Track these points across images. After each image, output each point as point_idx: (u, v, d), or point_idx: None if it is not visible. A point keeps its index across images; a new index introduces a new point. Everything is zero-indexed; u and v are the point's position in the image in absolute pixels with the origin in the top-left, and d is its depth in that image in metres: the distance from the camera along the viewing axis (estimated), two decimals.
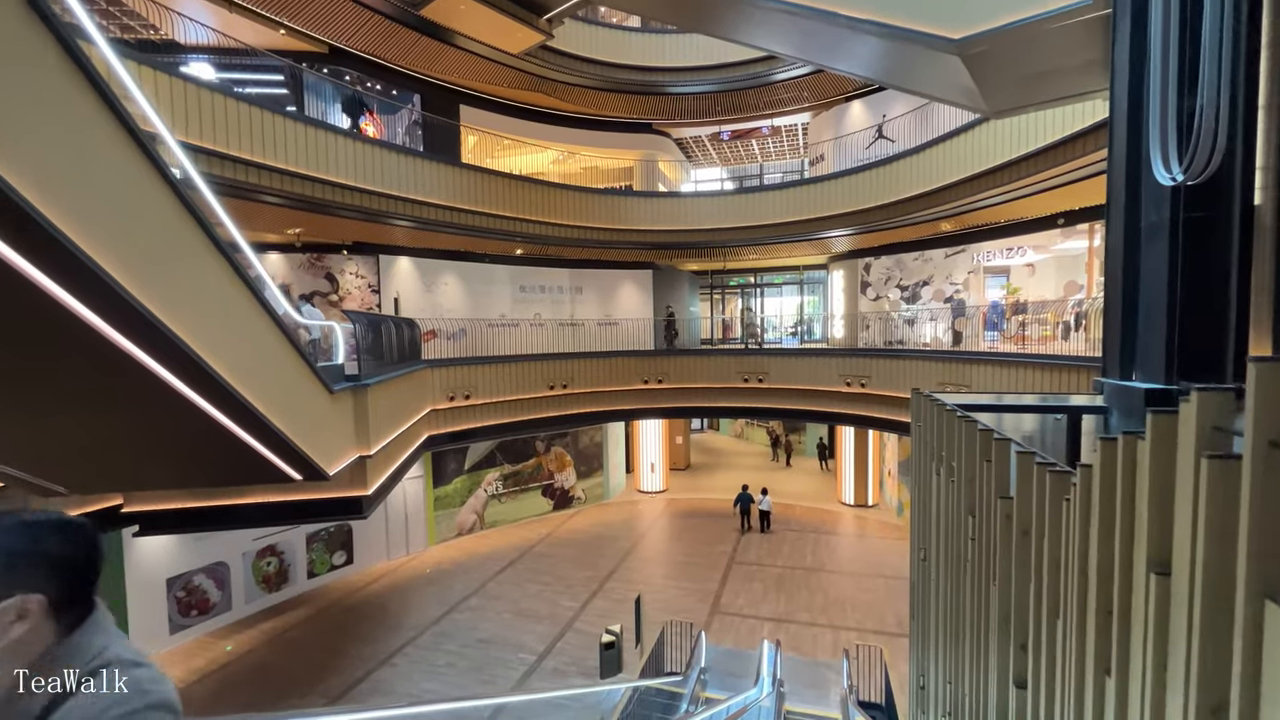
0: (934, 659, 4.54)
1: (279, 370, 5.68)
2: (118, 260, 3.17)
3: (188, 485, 7.44)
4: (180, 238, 3.99)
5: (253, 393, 4.94)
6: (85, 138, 3.01)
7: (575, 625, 11.51)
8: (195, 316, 3.96)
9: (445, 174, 13.42)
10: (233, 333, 4.74)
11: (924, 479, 5.04)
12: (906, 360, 13.60)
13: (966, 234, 15.07)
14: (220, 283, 4.57)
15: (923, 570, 5.09)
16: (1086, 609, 2.00)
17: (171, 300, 3.64)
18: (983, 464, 3.22)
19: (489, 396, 13.91)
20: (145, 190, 3.55)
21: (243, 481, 7.38)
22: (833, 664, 10.14)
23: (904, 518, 17.25)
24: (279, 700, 9.34)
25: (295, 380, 6.12)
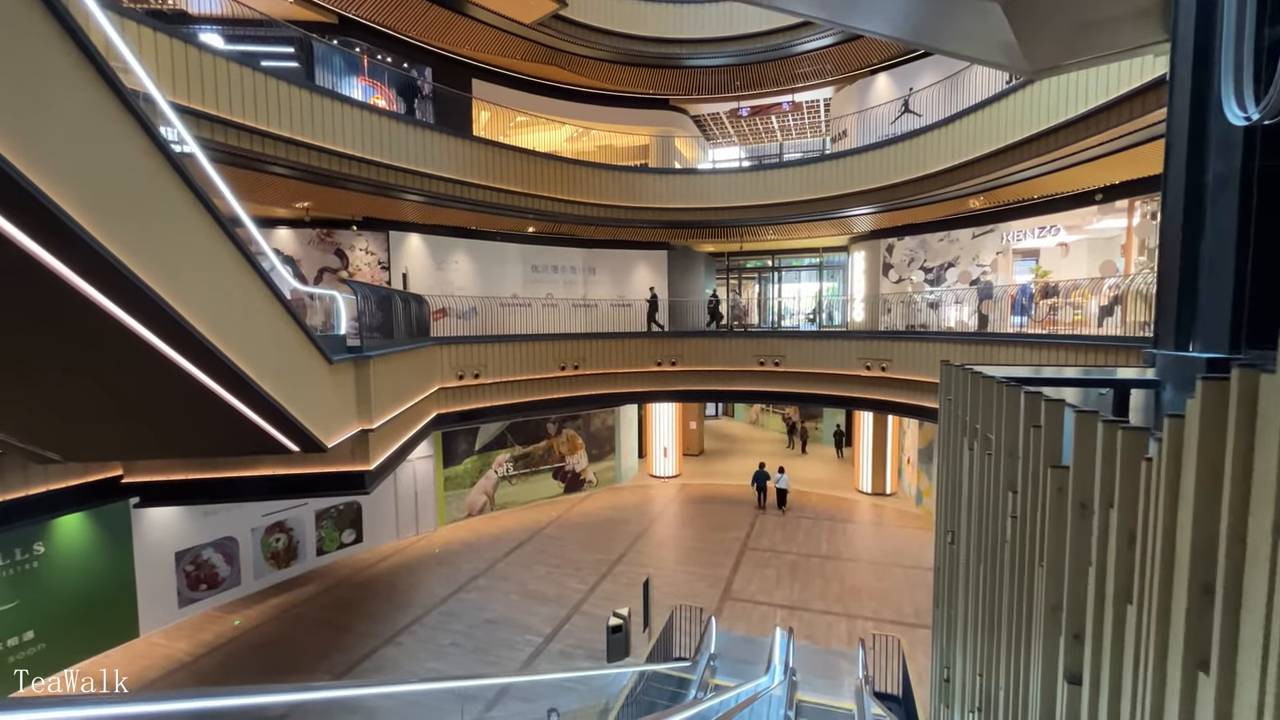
0: (961, 649, 4.18)
1: (270, 334, 5.44)
2: (76, 198, 2.91)
3: (184, 455, 7.29)
4: (155, 185, 3.72)
5: (240, 355, 4.69)
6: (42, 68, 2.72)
7: (583, 608, 11.31)
8: (168, 267, 3.70)
9: (456, 147, 13.11)
10: (216, 290, 4.49)
11: (953, 456, 4.65)
12: (930, 343, 13.09)
13: (996, 212, 14.42)
14: (202, 236, 4.30)
15: (949, 554, 4.72)
16: (1173, 591, 1.64)
17: (139, 246, 3.37)
18: (1029, 432, 2.84)
19: (499, 376, 13.69)
20: (113, 133, 3.28)
21: (239, 452, 7.21)
22: (847, 653, 9.82)
23: (924, 507, 16.80)
24: (284, 675, 9.27)
25: (289, 346, 5.89)
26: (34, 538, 9.01)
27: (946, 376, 4.99)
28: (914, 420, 17.39)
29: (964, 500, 4.33)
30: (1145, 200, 11.47)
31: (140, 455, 7.09)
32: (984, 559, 3.64)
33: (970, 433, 4.12)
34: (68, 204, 2.83)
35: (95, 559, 9.76)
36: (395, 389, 9.15)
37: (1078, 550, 2.28)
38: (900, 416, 16.79)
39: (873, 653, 9.02)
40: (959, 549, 4.46)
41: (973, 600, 3.93)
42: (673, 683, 8.85)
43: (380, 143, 11.65)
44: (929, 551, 13.87)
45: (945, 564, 4.95)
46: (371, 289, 8.94)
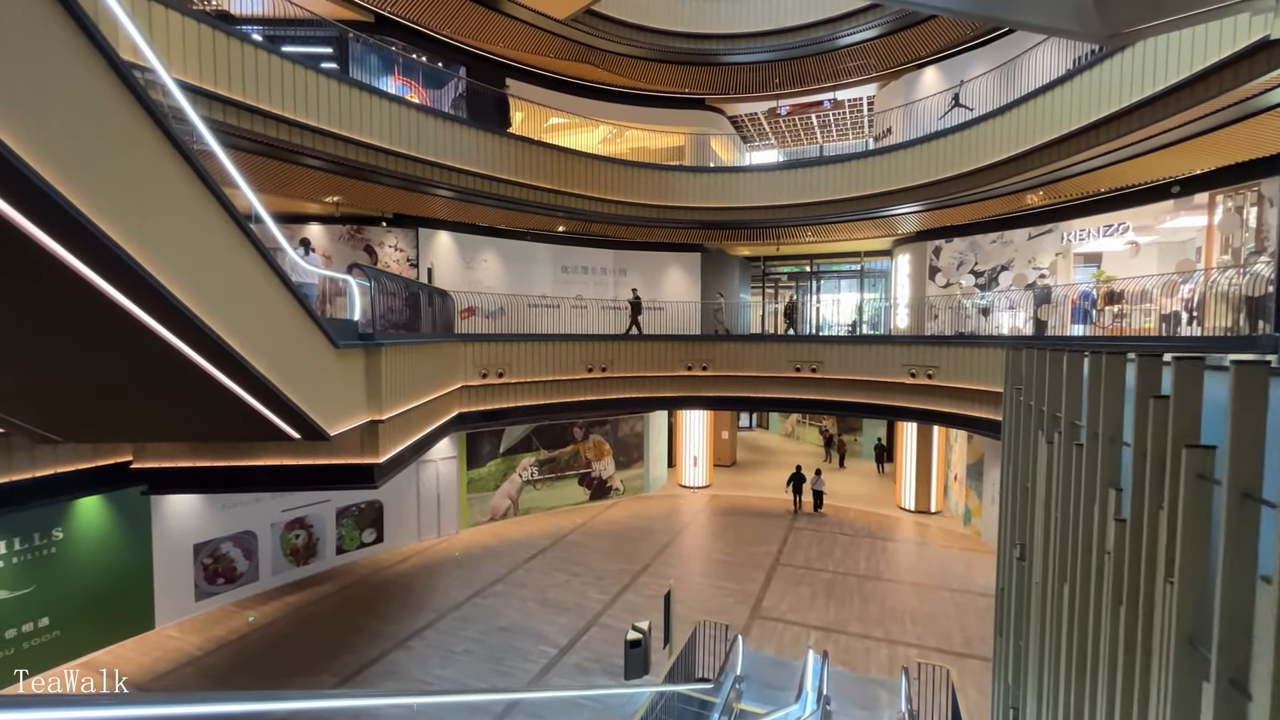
0: (1036, 688, 3.46)
1: (266, 309, 5.11)
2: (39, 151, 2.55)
3: (182, 438, 7.07)
4: (136, 141, 3.38)
5: (227, 329, 4.34)
6: None
7: (602, 620, 10.72)
8: (143, 226, 3.34)
9: (487, 142, 12.92)
10: (200, 255, 4.15)
11: (1022, 455, 3.94)
12: (981, 348, 12.12)
13: (1056, 210, 13.40)
14: (182, 189, 3.96)
15: (1018, 573, 3.99)
16: None
17: (110, 203, 3.01)
18: (1146, 407, 2.18)
19: (524, 376, 13.31)
20: (94, 89, 2.95)
21: (239, 437, 6.95)
22: (887, 682, 8.95)
23: (972, 526, 15.64)
24: (291, 675, 8.97)
25: (288, 325, 5.56)
26: (53, 523, 8.98)
27: (1016, 362, 4.28)
28: (962, 433, 16.31)
29: (1038, 507, 3.62)
30: (1230, 193, 10.36)
31: (137, 437, 6.88)
32: (1071, 577, 2.95)
33: (1049, 423, 3.43)
34: (19, 147, 2.48)
35: (113, 548, 9.69)
36: (411, 381, 8.82)
37: (1238, 559, 1.62)
38: (947, 428, 15.74)
39: (917, 683, 8.15)
40: (1031, 566, 3.74)
41: (1052, 628, 3.21)
42: (694, 705, 8.17)
43: (411, 136, 11.52)
44: (979, 574, 12.79)
45: (1011, 585, 4.21)
46: (388, 276, 8.67)
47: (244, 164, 10.39)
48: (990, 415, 11.70)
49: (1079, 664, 2.73)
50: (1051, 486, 3.28)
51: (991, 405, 11.69)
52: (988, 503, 14.86)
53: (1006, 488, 4.43)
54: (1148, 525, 2.12)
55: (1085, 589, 2.72)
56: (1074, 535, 2.87)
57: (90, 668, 9.16)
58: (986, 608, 11.27)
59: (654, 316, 17.57)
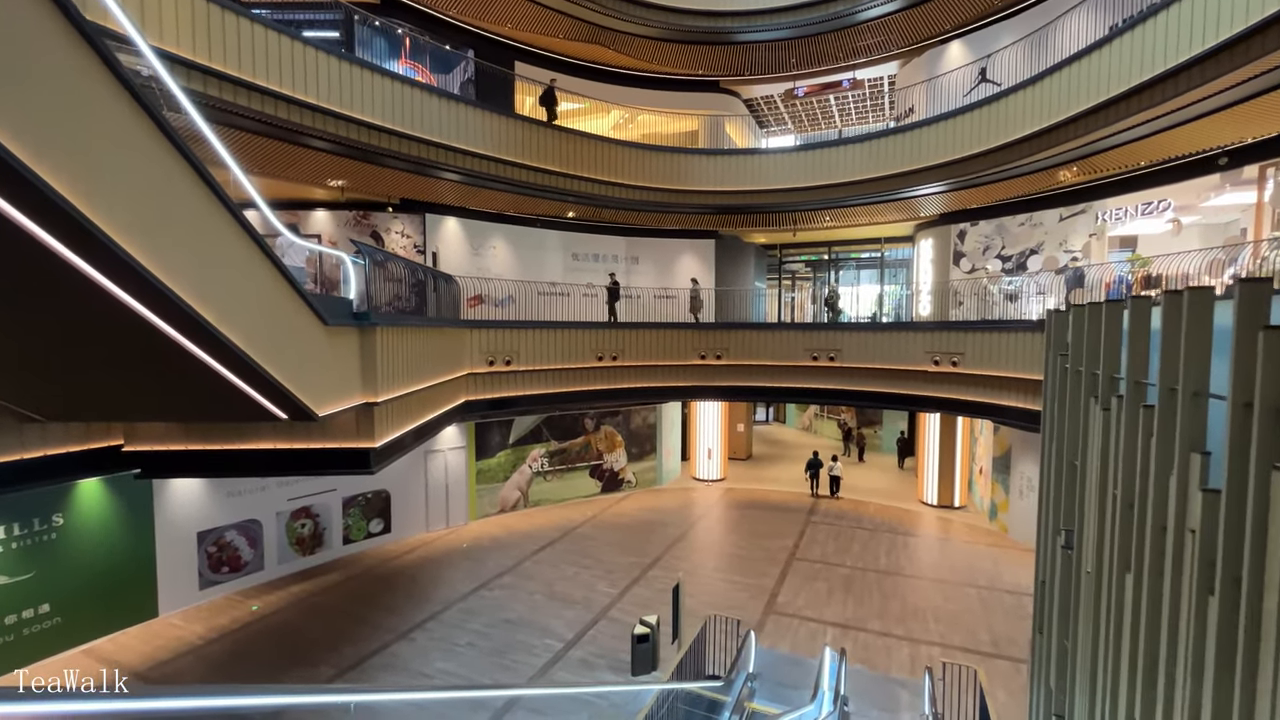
0: (1089, 691, 3.00)
1: (245, 281, 4.81)
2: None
3: (166, 417, 6.83)
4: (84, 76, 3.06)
5: (199, 299, 4.04)
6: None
7: (610, 613, 10.37)
8: (98, 182, 3.03)
9: (495, 124, 12.60)
10: (166, 220, 3.83)
11: (1070, 428, 3.47)
12: (1010, 333, 11.51)
13: (1090, 187, 12.70)
14: (148, 156, 3.64)
15: (1064, 563, 3.52)
16: None
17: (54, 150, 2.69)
18: (1251, 343, 1.72)
19: (532, 364, 13.00)
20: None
21: (225, 417, 6.69)
22: (909, 682, 8.47)
23: (998, 522, 15.01)
24: (291, 666, 8.75)
25: (272, 300, 5.26)
26: (52, 509, 8.87)
27: (1060, 326, 3.81)
28: (988, 425, 15.67)
29: (1090, 485, 3.15)
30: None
31: (119, 415, 6.64)
32: (1136, 563, 2.49)
33: (1105, 387, 2.95)
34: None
35: (115, 534, 9.57)
36: (410, 365, 8.53)
37: None
38: (972, 418, 15.11)
39: (941, 684, 7.66)
40: (1080, 554, 3.28)
41: (1110, 624, 2.75)
42: (703, 705, 7.77)
43: (417, 117, 11.24)
44: (1007, 571, 12.21)
45: (1054, 576, 3.74)
46: (385, 254, 8.37)
47: (247, 145, 10.24)
48: (1020, 404, 11.11)
49: (1148, 666, 2.28)
50: (1109, 460, 2.82)
51: (1022, 393, 11.09)
52: (1015, 497, 14.22)
53: (1048, 468, 3.96)
54: (1255, 493, 1.67)
55: (1157, 577, 2.27)
56: (1142, 514, 2.41)
57: (92, 655, 9.05)
58: (1016, 606, 10.70)
59: (667, 305, 17.17)
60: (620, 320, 15.04)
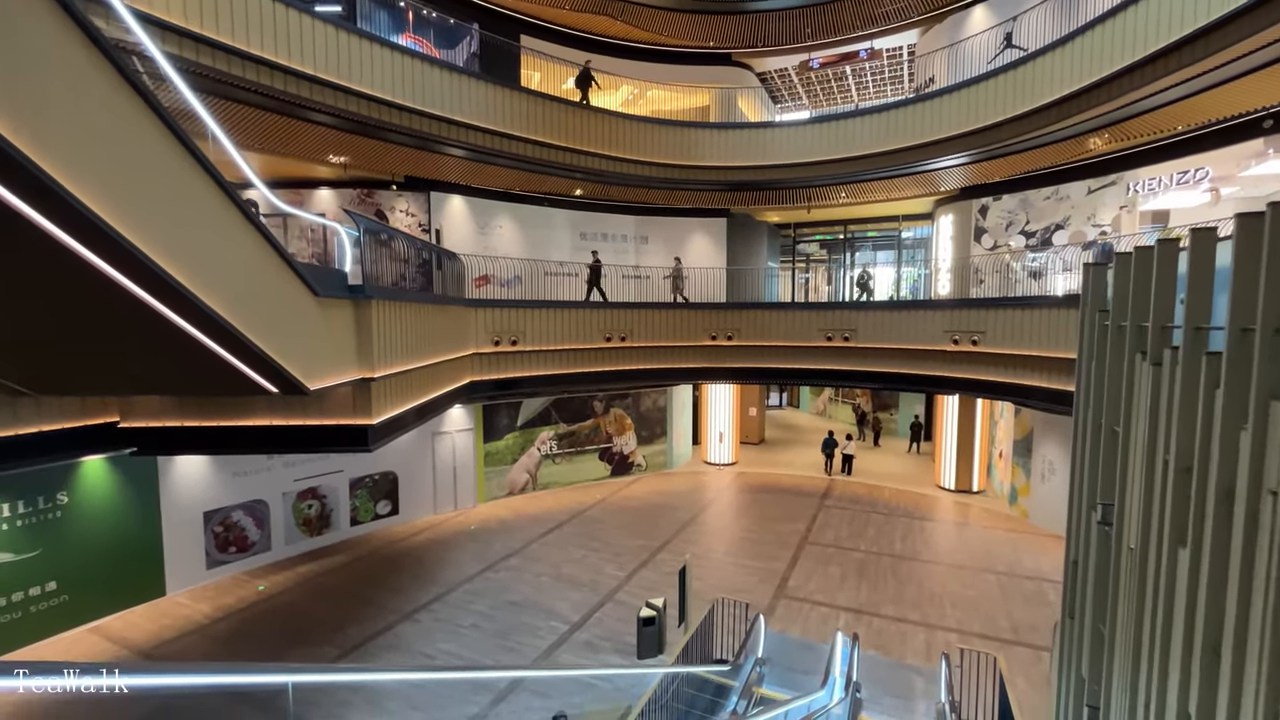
0: (1129, 681, 2.68)
1: (226, 246, 4.58)
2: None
3: (154, 391, 6.69)
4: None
5: (172, 260, 3.82)
6: None
7: (617, 596, 10.18)
8: (51, 130, 2.78)
9: (500, 97, 12.26)
10: (140, 179, 3.58)
11: (1110, 390, 3.12)
12: (1034, 310, 11.02)
13: (1121, 156, 12.08)
14: (117, 111, 3.37)
15: (1100, 540, 3.19)
16: None
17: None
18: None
19: (538, 344, 12.76)
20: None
21: (213, 391, 6.53)
22: (924, 670, 8.18)
23: (1018, 506, 14.57)
24: (295, 645, 8.69)
25: (258, 268, 5.03)
26: (56, 487, 8.84)
27: (1098, 280, 3.45)
28: (1008, 407, 15.19)
29: (1135, 451, 2.81)
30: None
31: (108, 389, 6.50)
32: (1195, 537, 2.16)
33: (1156, 340, 2.61)
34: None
35: (120, 513, 9.55)
36: (411, 342, 8.31)
37: None
38: (993, 400, 14.63)
39: (958, 671, 7.36)
40: (1122, 529, 2.94)
41: (1158, 607, 2.43)
42: (710, 689, 7.56)
43: (421, 90, 10.96)
44: (1027, 557, 11.83)
45: (1088, 555, 3.41)
46: (379, 225, 8.12)
47: (246, 119, 10.03)
48: (1045, 383, 10.66)
49: (1208, 654, 1.96)
50: (1160, 421, 2.47)
51: (1047, 372, 10.64)
52: (1037, 480, 13.78)
53: (1082, 439, 3.61)
54: None
55: (1221, 550, 1.94)
56: (1202, 479, 2.08)
57: (99, 633, 9.06)
58: (1036, 593, 10.34)
59: None
60: (602, 301, 14.49)
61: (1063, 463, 12.99)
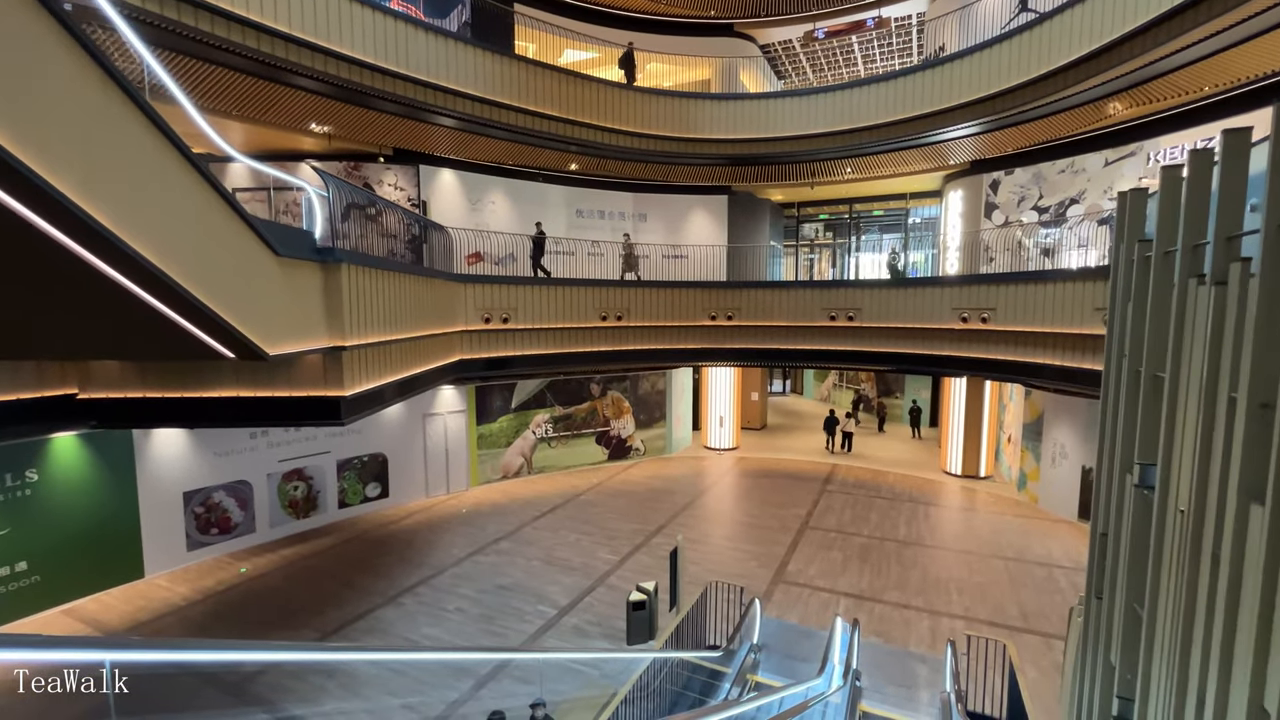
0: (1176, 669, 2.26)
1: (159, 187, 4.16)
2: None
3: (99, 354, 6.29)
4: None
5: (104, 208, 3.41)
6: None
7: (609, 580, 9.83)
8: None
9: (492, 64, 11.77)
10: (48, 103, 3.15)
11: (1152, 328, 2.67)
12: (1045, 284, 10.50)
13: (1141, 124, 11.48)
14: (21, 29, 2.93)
15: (1138, 507, 2.75)
16: None
17: None
18: None
19: (531, 322, 12.33)
20: None
21: (166, 355, 6.15)
22: (929, 658, 7.79)
23: (1027, 492, 14.12)
24: (272, 629, 8.37)
25: (203, 217, 4.61)
26: (25, 464, 8.51)
27: (1138, 205, 2.99)
28: (1018, 390, 14.70)
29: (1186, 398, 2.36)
30: None
31: (47, 351, 6.07)
32: (1276, 491, 1.72)
33: (1218, 256, 2.15)
34: None
35: (95, 492, 9.22)
36: (391, 312, 7.90)
37: None
38: (1002, 381, 14.14)
39: (965, 658, 6.96)
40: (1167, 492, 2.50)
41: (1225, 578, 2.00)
42: (703, 674, 7.19)
43: (409, 54, 10.49)
44: (1036, 543, 11.40)
45: (1122, 526, 2.97)
46: (353, 188, 7.69)
47: (221, 82, 9.59)
48: (1057, 361, 10.17)
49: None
50: (1224, 353, 2.02)
51: (1059, 349, 10.15)
52: (1047, 464, 13.31)
53: (1113, 392, 3.16)
54: None
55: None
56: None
57: (73, 615, 8.77)
58: (1046, 579, 9.92)
59: (676, 264, 16.35)
60: (546, 276, 13.58)
61: (1075, 446, 12.52)
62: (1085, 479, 12.33)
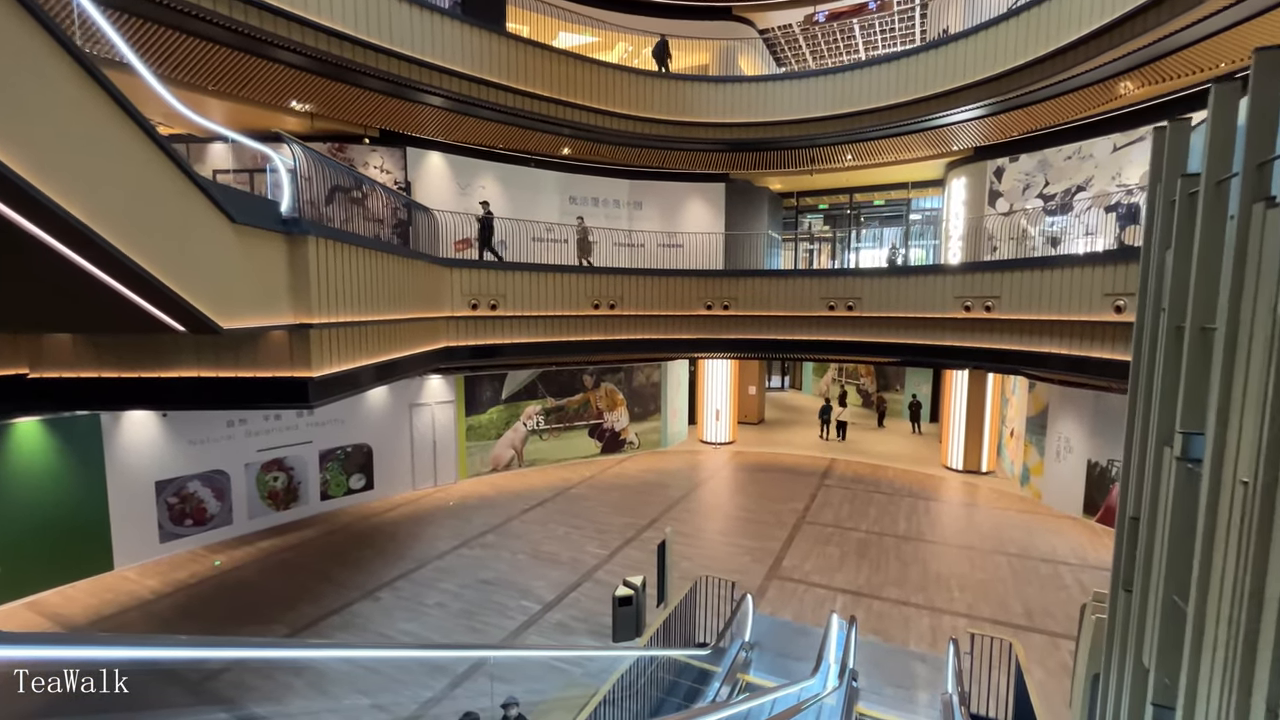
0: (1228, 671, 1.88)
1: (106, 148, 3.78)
2: None
3: (36, 326, 5.91)
4: None
5: (25, 160, 3.04)
6: None
7: (597, 575, 9.45)
8: None
9: (483, 41, 11.40)
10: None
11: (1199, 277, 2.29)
12: (1051, 270, 10.10)
13: (1152, 107, 11.08)
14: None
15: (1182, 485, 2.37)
16: None
17: None
18: None
19: (520, 309, 11.93)
20: None
21: (109, 328, 5.78)
22: (929, 657, 7.43)
23: (1030, 487, 13.75)
24: (241, 624, 8.00)
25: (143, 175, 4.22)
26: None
27: (1179, 137, 2.61)
28: (1021, 384, 14.33)
29: (1248, 348, 1.99)
30: None
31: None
32: None
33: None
34: None
35: (61, 481, 8.84)
36: (367, 291, 7.51)
37: None
38: (1005, 373, 13.75)
39: (968, 658, 6.59)
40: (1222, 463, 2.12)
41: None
42: (692, 674, 6.82)
43: (395, 28, 10.11)
44: (1040, 539, 11.03)
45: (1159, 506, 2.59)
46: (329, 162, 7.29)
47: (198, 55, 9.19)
48: (1063, 350, 9.78)
49: None
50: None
51: (1065, 338, 9.76)
52: (1051, 459, 12.94)
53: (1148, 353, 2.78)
54: None
55: None
56: None
57: (35, 609, 8.39)
58: (1052, 576, 9.55)
59: (672, 253, 15.96)
60: (494, 261, 12.23)
61: (1081, 439, 12.14)
62: (1091, 474, 11.95)
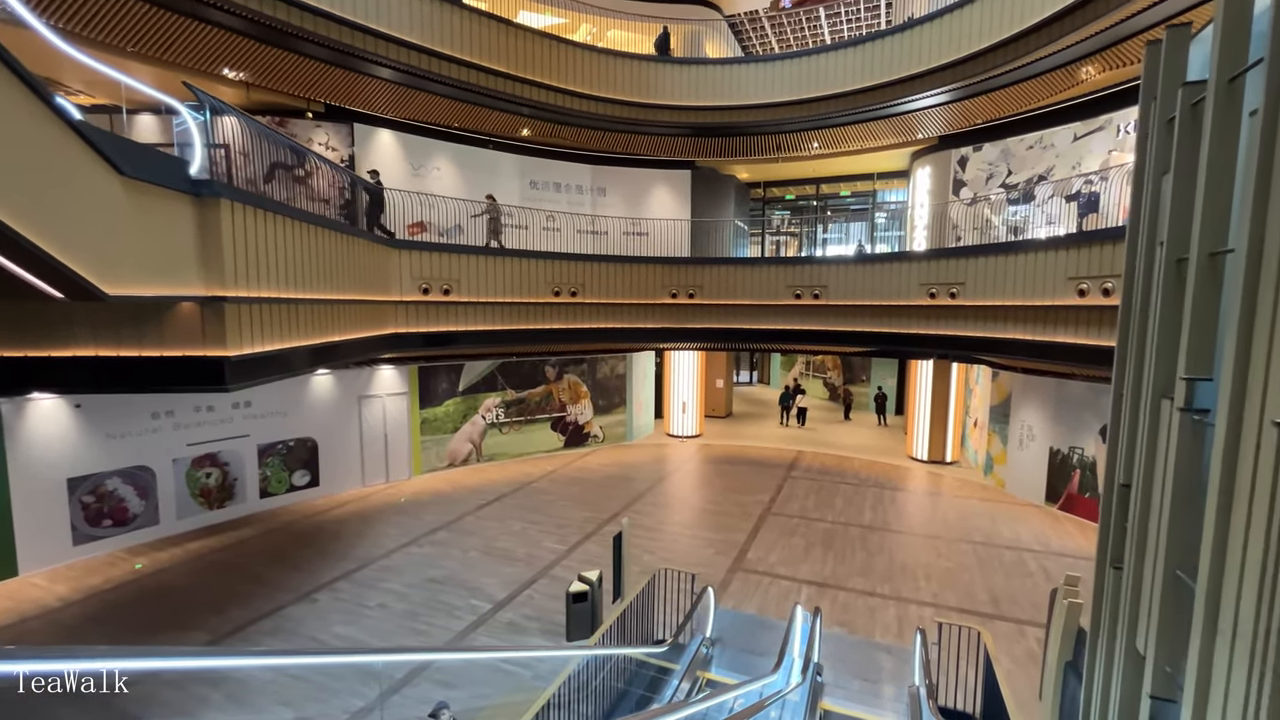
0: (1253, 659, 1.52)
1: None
2: None
3: None
4: None
5: None
6: None
7: (553, 571, 8.98)
8: None
9: (435, 11, 10.78)
10: None
11: (1208, 198, 1.95)
12: (1014, 255, 10.01)
13: (1112, 94, 11.12)
14: None
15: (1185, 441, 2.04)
16: None
17: None
18: None
19: (475, 295, 11.36)
20: None
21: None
22: (895, 648, 7.18)
23: (994, 476, 13.77)
24: (154, 634, 7.29)
25: (11, 115, 3.60)
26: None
27: (1177, 43, 2.28)
28: (985, 374, 14.35)
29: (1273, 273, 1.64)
30: None
31: None
32: None
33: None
34: None
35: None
36: (298, 266, 6.89)
37: None
38: (970, 363, 13.72)
39: (935, 648, 6.34)
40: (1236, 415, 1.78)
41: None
42: (650, 671, 6.42)
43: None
44: (1005, 527, 10.97)
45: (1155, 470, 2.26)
46: (236, 111, 6.65)
47: (113, 10, 8.39)
48: (1027, 335, 9.69)
49: None
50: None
51: (1028, 323, 9.68)
52: (1015, 447, 12.95)
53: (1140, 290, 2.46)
54: None
55: None
56: None
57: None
58: (1016, 563, 9.45)
59: (637, 241, 15.55)
60: (388, 236, 10.96)
61: (1043, 427, 12.16)
62: (1053, 461, 11.98)
